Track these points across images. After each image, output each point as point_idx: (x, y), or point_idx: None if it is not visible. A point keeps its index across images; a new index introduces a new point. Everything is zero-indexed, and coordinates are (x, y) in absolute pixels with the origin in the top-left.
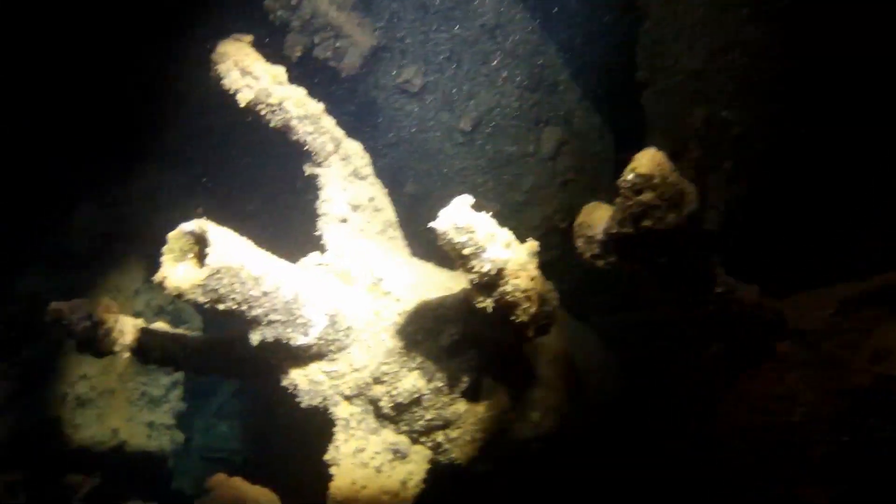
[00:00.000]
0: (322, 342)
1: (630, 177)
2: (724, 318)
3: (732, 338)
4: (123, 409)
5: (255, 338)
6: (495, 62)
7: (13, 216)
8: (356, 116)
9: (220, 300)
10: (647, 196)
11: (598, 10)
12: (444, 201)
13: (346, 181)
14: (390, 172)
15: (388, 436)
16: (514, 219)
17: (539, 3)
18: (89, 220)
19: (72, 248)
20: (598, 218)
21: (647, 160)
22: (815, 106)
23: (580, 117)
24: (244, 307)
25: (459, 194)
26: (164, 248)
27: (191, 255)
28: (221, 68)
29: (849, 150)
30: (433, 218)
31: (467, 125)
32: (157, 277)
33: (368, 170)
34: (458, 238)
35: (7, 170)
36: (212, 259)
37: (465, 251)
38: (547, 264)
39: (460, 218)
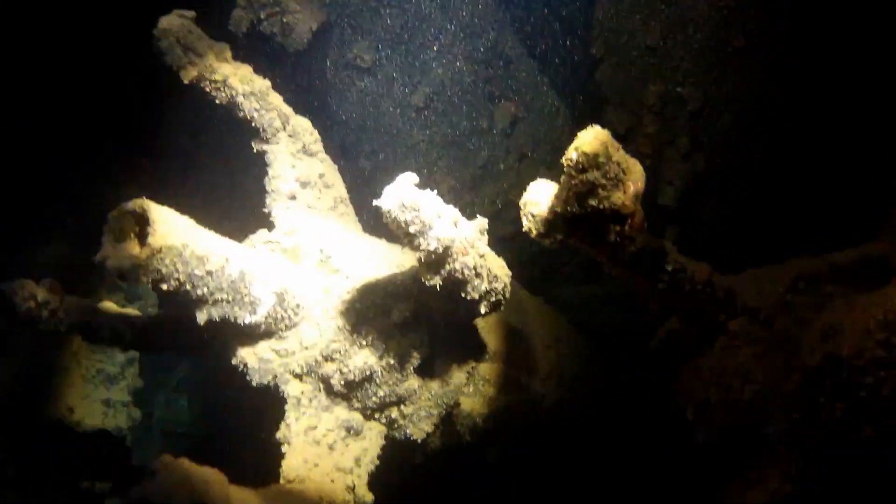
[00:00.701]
0: (270, 320)
1: (573, 155)
2: (675, 295)
3: (685, 315)
4: (79, 387)
5: (201, 317)
6: (448, 37)
7: None
8: (306, 93)
9: (162, 280)
10: (591, 174)
11: None
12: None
13: (295, 158)
14: (343, 149)
15: (341, 413)
16: (469, 194)
17: None
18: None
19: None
20: (543, 195)
21: (591, 138)
22: (777, 80)
23: (535, 93)
24: (188, 286)
25: (413, 169)
26: (105, 228)
27: (132, 234)
28: (163, 44)
29: (811, 126)
30: None
31: (420, 101)
32: (98, 257)
33: (318, 146)
34: (403, 216)
35: None
36: (153, 239)
37: (412, 229)
38: (504, 239)
39: (406, 195)
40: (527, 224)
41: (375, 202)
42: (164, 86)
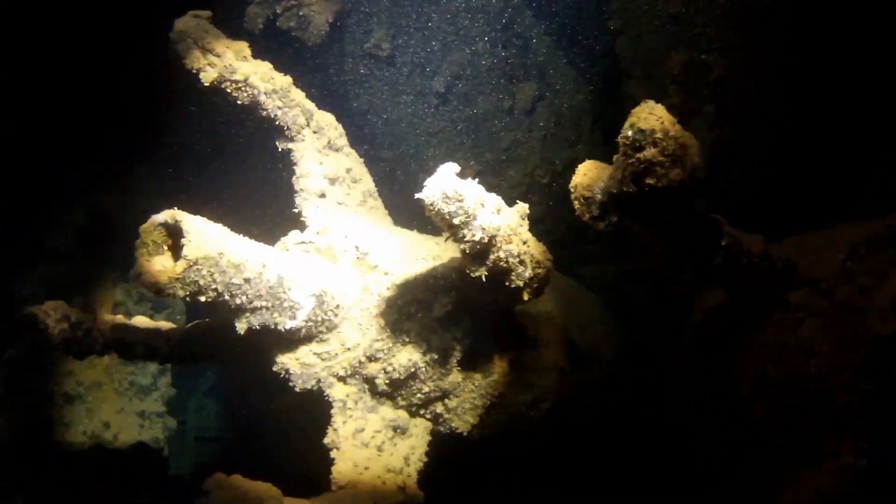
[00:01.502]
0: (311, 324)
1: (630, 132)
2: (732, 270)
3: (743, 289)
4: (113, 401)
5: (241, 326)
6: (465, 21)
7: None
8: (326, 86)
9: (200, 292)
10: (649, 152)
11: None
12: (422, 164)
13: (321, 154)
14: (365, 140)
15: (387, 412)
16: (495, 177)
17: None
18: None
19: (53, 244)
20: (595, 177)
21: (647, 114)
22: (802, 45)
23: (555, 71)
24: (227, 296)
25: (436, 157)
26: (137, 243)
27: (165, 247)
28: (181, 48)
29: (839, 91)
30: (411, 181)
31: (440, 86)
32: (132, 274)
33: (343, 140)
34: (447, 208)
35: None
36: (188, 250)
37: (456, 220)
38: (531, 220)
39: (448, 186)
40: (579, 208)
41: (417, 195)
42: (173, 87)
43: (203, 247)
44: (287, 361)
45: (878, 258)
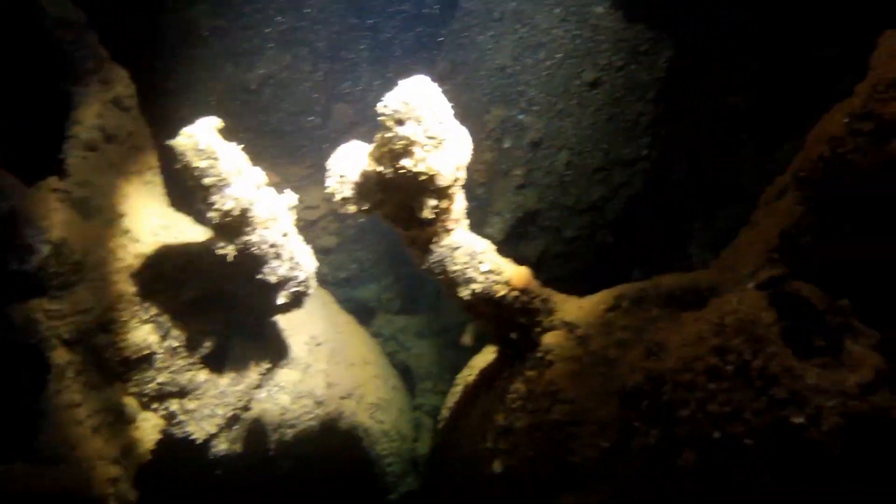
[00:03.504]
0: (43, 273)
1: (392, 102)
2: (488, 299)
3: (495, 324)
4: None
5: None
6: (292, 19)
7: None
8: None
9: None
10: (410, 128)
11: None
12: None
13: (104, 107)
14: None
15: (112, 394)
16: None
17: None
18: None
19: None
20: (355, 157)
21: (415, 85)
22: (620, 122)
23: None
24: None
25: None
26: None
27: None
28: None
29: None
30: None
31: (254, 82)
32: None
33: (133, 102)
34: (197, 162)
35: None
36: None
37: (206, 181)
38: None
39: (202, 139)
40: (333, 187)
41: (168, 142)
42: None
43: None
44: (12, 312)
45: (642, 314)
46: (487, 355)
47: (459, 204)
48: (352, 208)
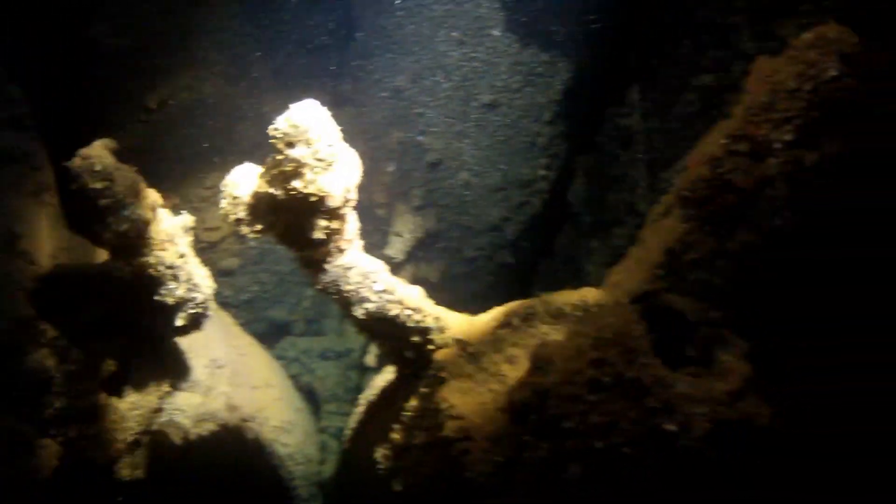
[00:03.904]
0: None
1: (282, 125)
2: (382, 318)
3: (390, 343)
4: None
5: None
6: None
7: None
8: None
9: None
10: (299, 150)
11: None
12: None
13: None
14: None
15: (9, 421)
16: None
17: None
18: None
19: None
20: (247, 177)
21: (305, 109)
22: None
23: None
24: None
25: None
26: None
27: None
28: None
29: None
30: None
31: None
32: None
33: (29, 121)
34: (92, 183)
35: None
36: None
37: (102, 202)
38: None
39: (96, 160)
40: (225, 207)
41: (65, 163)
42: None
43: None
44: None
45: (532, 331)
46: (388, 375)
47: (352, 225)
48: (245, 230)
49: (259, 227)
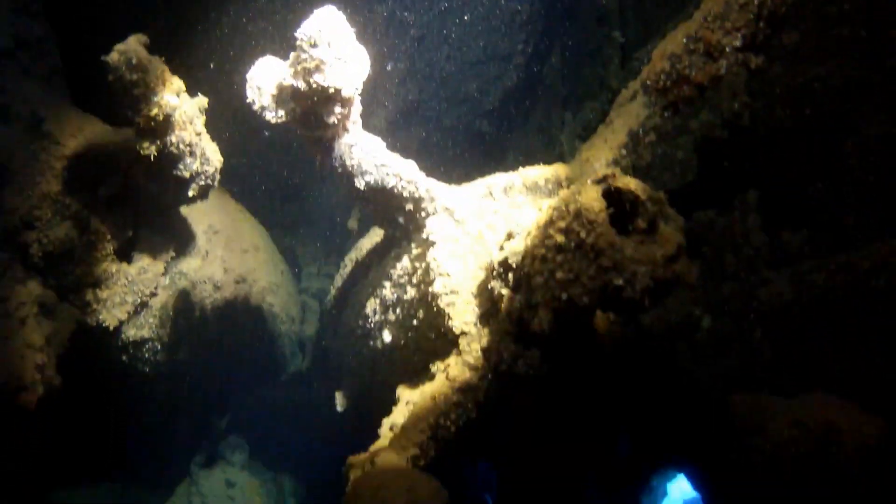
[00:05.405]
0: None
1: (307, 28)
2: (380, 192)
3: (385, 214)
4: None
5: None
6: None
7: None
8: None
9: None
10: (321, 51)
11: None
12: None
13: (13, 14)
14: None
15: (35, 288)
16: None
17: None
18: None
19: None
20: (271, 70)
21: (326, 13)
22: None
23: None
24: None
25: None
26: None
27: None
28: None
29: None
30: None
31: None
32: None
33: (39, 7)
34: (130, 76)
35: None
36: None
37: (136, 91)
38: None
39: (135, 55)
40: (251, 96)
41: (104, 57)
42: None
43: None
44: None
45: (509, 202)
46: (374, 237)
47: (356, 109)
48: (268, 116)
49: (282, 112)
